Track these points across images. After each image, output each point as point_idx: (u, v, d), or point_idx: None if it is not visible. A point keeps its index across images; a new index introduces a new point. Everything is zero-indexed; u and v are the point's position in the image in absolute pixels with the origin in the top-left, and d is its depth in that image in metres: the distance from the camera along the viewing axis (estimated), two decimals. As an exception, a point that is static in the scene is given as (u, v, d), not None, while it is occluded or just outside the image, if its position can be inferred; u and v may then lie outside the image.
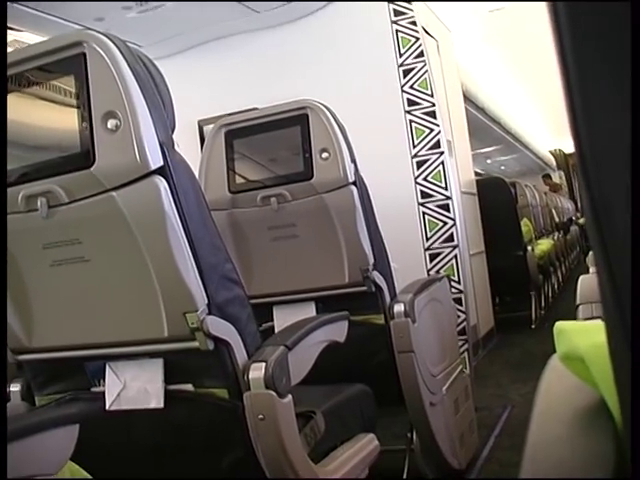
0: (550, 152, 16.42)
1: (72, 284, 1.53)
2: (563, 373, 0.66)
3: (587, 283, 1.86)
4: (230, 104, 4.19)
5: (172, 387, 1.56)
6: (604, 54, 0.38)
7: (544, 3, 0.41)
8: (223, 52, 4.52)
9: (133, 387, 1.57)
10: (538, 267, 6.10)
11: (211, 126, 2.54)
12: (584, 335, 0.64)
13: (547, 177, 15.11)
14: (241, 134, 2.42)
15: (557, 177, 16.63)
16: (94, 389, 1.65)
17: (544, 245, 6.73)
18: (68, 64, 1.40)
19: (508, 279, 5.60)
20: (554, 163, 16.84)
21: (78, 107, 1.39)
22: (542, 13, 0.43)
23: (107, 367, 1.60)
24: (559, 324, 0.71)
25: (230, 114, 3.82)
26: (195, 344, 1.46)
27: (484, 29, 6.80)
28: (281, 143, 2.45)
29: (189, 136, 4.38)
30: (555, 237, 7.98)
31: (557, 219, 9.47)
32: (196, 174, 1.94)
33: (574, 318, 1.71)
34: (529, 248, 5.93)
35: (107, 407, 1.58)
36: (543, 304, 6.25)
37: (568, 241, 9.31)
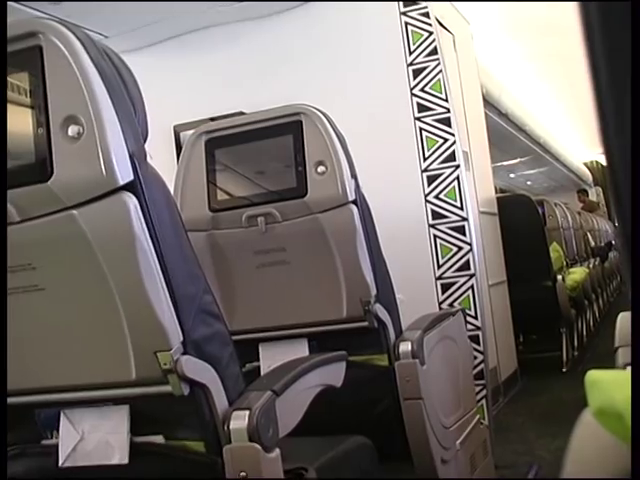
0: (585, 165, 16.48)
1: (22, 317, 1.53)
2: (597, 430, 0.67)
3: (628, 322, 1.86)
4: (211, 107, 4.22)
5: (139, 439, 1.55)
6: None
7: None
8: (204, 46, 4.55)
9: (92, 439, 1.57)
10: (570, 300, 6.10)
11: (189, 133, 2.55)
12: (622, 386, 0.64)
13: (583, 193, 15.06)
14: (224, 143, 2.43)
15: (594, 194, 16.67)
16: (45, 442, 1.64)
17: (577, 274, 6.72)
18: (21, 58, 1.40)
19: (534, 314, 5.60)
20: (590, 178, 16.88)
21: (32, 108, 1.40)
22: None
23: (62, 415, 1.59)
24: (592, 373, 0.71)
25: (212, 119, 3.86)
26: (167, 388, 1.46)
27: (509, 21, 6.84)
28: (271, 154, 2.47)
29: (163, 144, 4.39)
30: (591, 265, 7.98)
31: (593, 243, 9.48)
32: (171, 189, 1.96)
33: (613, 361, 1.71)
34: (559, 277, 5.93)
35: (60, 463, 1.57)
36: (576, 344, 6.24)
37: (606, 269, 9.32)
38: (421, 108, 4.01)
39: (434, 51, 4.03)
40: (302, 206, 2.32)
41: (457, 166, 3.94)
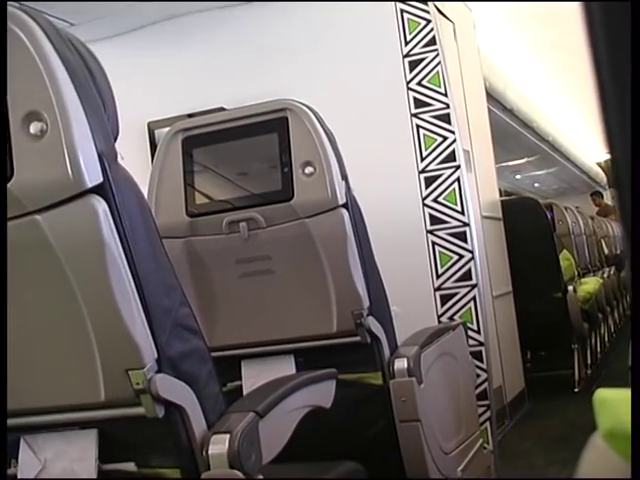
0: (599, 165, 16.50)
1: (-20, 332, 1.53)
2: (607, 454, 0.67)
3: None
4: (189, 103, 4.23)
5: (109, 467, 1.55)
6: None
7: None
8: (180, 35, 4.55)
9: (56, 467, 1.56)
10: (583, 313, 6.10)
11: (165, 130, 2.55)
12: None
13: (597, 196, 15.05)
14: (203, 142, 2.44)
15: (609, 197, 16.68)
16: (3, 471, 1.63)
17: (590, 284, 6.73)
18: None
19: (543, 328, 5.61)
20: (604, 179, 16.91)
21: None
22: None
23: (22, 442, 1.58)
24: (601, 392, 0.72)
25: (190, 116, 3.87)
26: (140, 410, 1.46)
27: (514, 9, 6.86)
28: (254, 154, 2.47)
29: (136, 143, 4.39)
30: (605, 274, 7.99)
31: (607, 251, 9.49)
32: (145, 192, 1.96)
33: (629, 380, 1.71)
34: (570, 288, 5.94)
35: (20, 495, 1.57)
36: (590, 361, 6.24)
37: (622, 279, 9.32)
38: (418, 103, 4.02)
39: (432, 41, 4.04)
40: (288, 210, 2.32)
41: (457, 167, 3.95)
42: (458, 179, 3.94)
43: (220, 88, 4.27)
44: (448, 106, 3.98)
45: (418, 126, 4.00)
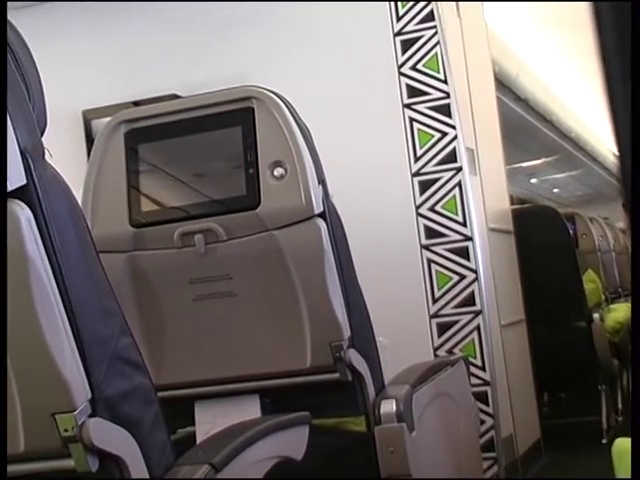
0: (631, 167, 16.58)
1: None
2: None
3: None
4: (134, 88, 4.22)
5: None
6: None
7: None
8: (125, 5, 4.54)
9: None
10: (612, 346, 6.10)
11: (104, 121, 2.56)
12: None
13: None
14: (152, 136, 2.44)
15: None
16: None
17: (621, 312, 6.73)
18: None
19: (563, 365, 5.60)
20: (638, 184, 16.99)
21: None
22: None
23: None
24: (620, 443, 0.73)
25: (135, 104, 3.87)
26: (69, 463, 1.46)
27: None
28: (213, 151, 2.48)
29: (68, 136, 4.38)
30: (638, 300, 8.00)
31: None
32: (79, 196, 1.96)
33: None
34: (596, 316, 5.94)
35: None
36: (620, 405, 6.24)
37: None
38: (412, 92, 4.03)
39: (430, 17, 4.06)
40: (253, 220, 2.33)
41: (459, 168, 3.97)
42: (459, 184, 3.96)
43: (172, 71, 4.27)
44: (448, 95, 4.00)
45: (412, 119, 4.02)
